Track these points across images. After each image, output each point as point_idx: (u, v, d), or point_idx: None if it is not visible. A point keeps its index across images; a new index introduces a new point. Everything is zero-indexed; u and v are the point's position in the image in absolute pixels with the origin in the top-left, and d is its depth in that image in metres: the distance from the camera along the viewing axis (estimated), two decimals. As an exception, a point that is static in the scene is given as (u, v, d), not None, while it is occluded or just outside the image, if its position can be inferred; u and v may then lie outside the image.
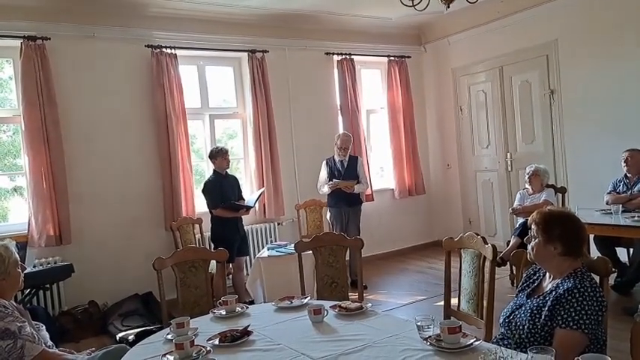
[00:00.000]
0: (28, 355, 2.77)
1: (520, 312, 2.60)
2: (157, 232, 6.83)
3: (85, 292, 6.17)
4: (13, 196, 6.69)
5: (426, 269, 7.79)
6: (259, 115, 7.44)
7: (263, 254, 6.19)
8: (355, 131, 8.10)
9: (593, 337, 2.39)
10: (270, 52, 7.59)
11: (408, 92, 8.92)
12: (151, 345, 2.88)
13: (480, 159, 8.62)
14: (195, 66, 7.43)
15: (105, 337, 5.65)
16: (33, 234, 6.02)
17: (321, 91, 8.28)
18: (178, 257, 3.94)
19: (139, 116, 6.77)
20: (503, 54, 7.94)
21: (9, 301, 2.93)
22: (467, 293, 3.36)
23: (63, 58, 6.26)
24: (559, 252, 2.55)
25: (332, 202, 7.06)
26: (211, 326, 3.11)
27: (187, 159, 6.95)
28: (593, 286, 2.44)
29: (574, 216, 2.68)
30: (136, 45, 6.68)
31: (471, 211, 8.86)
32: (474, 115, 8.64)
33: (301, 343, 2.69)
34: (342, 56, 8.29)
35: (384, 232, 8.67)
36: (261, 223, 7.61)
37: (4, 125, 6.51)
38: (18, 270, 3.01)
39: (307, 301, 3.43)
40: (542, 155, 7.48)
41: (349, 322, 2.98)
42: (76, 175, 6.32)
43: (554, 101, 7.36)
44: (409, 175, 8.94)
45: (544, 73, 7.45)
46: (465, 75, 8.69)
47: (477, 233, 3.37)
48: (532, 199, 6.36)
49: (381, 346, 2.56)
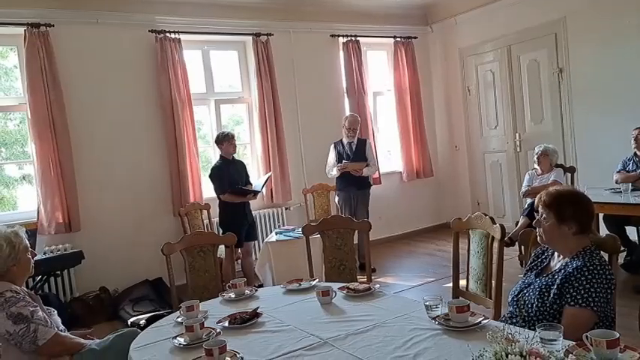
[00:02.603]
0: (41, 338, 2.80)
1: (529, 290, 2.59)
2: (166, 218, 6.85)
3: (96, 278, 6.20)
4: (22, 185, 6.71)
5: (435, 251, 7.79)
6: (265, 99, 7.41)
7: (271, 239, 6.20)
8: (362, 114, 8.06)
9: (602, 315, 2.38)
10: (274, 36, 7.54)
11: (414, 73, 8.87)
12: (162, 328, 2.90)
13: (489, 140, 8.58)
14: (199, 51, 7.41)
15: (116, 323, 5.69)
16: (42, 221, 6.04)
17: (327, 73, 8.24)
18: (187, 242, 3.96)
19: (145, 102, 6.76)
20: (511, 33, 7.86)
21: (20, 287, 2.95)
22: (475, 273, 3.36)
23: (67, 45, 6.25)
24: (573, 231, 2.53)
25: (341, 185, 7.04)
26: (221, 309, 3.13)
27: (194, 144, 6.94)
28: (602, 264, 2.43)
29: (581, 193, 2.68)
30: (139, 30, 6.65)
31: (479, 193, 8.83)
32: (482, 96, 8.58)
33: (310, 324, 2.69)
34: (348, 38, 8.24)
35: (392, 215, 8.65)
36: (269, 208, 7.62)
37: (11, 114, 6.51)
38: (28, 256, 3.02)
39: (315, 283, 3.44)
40: (551, 135, 7.43)
41: (357, 303, 2.98)
42: (83, 162, 6.33)
43: (562, 80, 7.29)
44: (417, 157, 8.92)
45: (552, 51, 7.38)
46: (472, 55, 8.62)
47: (484, 213, 3.36)
48: (541, 180, 6.31)
49: (390, 326, 2.56)
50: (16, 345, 2.78)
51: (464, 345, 2.13)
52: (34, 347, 2.79)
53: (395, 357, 2.21)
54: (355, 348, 2.34)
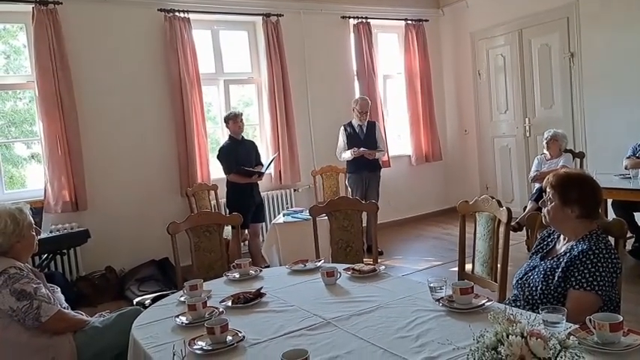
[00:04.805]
0: (44, 315, 2.81)
1: (534, 273, 2.57)
2: (173, 198, 6.85)
3: (102, 258, 6.22)
4: (30, 164, 6.73)
5: (443, 235, 7.78)
6: (274, 80, 7.37)
7: (279, 220, 6.19)
8: (372, 96, 8.00)
9: (606, 299, 2.36)
10: (285, 16, 7.48)
11: (425, 57, 8.81)
12: (165, 307, 2.90)
13: (498, 124, 8.52)
14: (209, 30, 7.36)
15: (122, 302, 5.69)
16: (49, 200, 6.05)
17: (337, 55, 8.19)
18: (193, 221, 3.96)
19: (153, 81, 6.73)
20: (522, 16, 7.77)
21: (24, 264, 2.95)
22: (481, 256, 3.34)
23: (75, 23, 6.21)
24: (576, 215, 2.50)
25: (352, 168, 7.03)
26: (225, 289, 3.13)
27: (202, 124, 6.92)
28: (608, 247, 2.40)
29: (590, 178, 2.63)
30: (148, 9, 6.61)
31: (488, 178, 8.79)
32: (493, 80, 8.51)
33: (314, 305, 2.69)
34: (359, 20, 8.18)
35: (401, 198, 8.63)
36: (277, 190, 7.60)
37: (20, 92, 6.51)
38: (32, 233, 3.03)
39: (321, 264, 3.43)
40: (561, 120, 7.37)
41: (362, 285, 2.98)
42: (91, 141, 6.32)
43: (573, 65, 7.22)
44: (426, 141, 8.88)
45: (564, 36, 7.29)
46: (483, 39, 8.54)
47: (492, 196, 3.33)
48: (550, 165, 6.28)
49: (393, 307, 2.56)
50: (19, 321, 2.80)
51: (466, 326, 2.11)
52: (37, 324, 2.80)
53: (397, 338, 2.21)
54: (358, 328, 2.33)
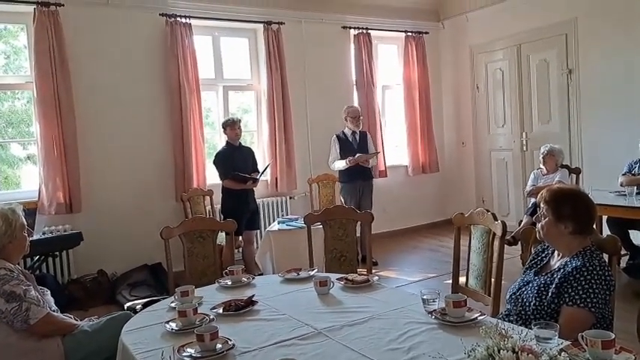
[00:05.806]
0: (33, 317, 2.79)
1: (527, 289, 2.57)
2: (168, 203, 6.82)
3: (95, 261, 6.18)
4: (26, 164, 6.70)
5: (438, 247, 7.76)
6: (274, 87, 7.38)
7: (273, 228, 6.17)
8: (370, 107, 8.04)
9: (599, 316, 2.35)
10: (286, 24, 7.50)
11: (424, 69, 8.83)
12: (155, 312, 2.88)
13: (495, 138, 8.53)
14: (210, 37, 7.36)
15: (113, 306, 5.65)
16: (43, 201, 6.01)
17: (337, 65, 8.20)
18: (186, 227, 3.94)
19: (152, 85, 6.73)
20: (521, 32, 7.80)
21: (15, 265, 2.94)
22: (475, 270, 3.32)
23: (76, 25, 6.21)
24: (569, 230, 2.50)
25: (346, 177, 7.01)
26: (216, 296, 3.11)
27: (200, 130, 6.91)
28: (601, 264, 2.40)
29: (584, 193, 2.63)
30: (150, 13, 6.61)
31: (484, 190, 8.79)
32: (491, 94, 8.54)
33: (306, 314, 2.67)
34: (359, 30, 8.20)
35: (397, 208, 8.61)
36: (273, 197, 7.58)
37: (19, 93, 6.49)
38: (24, 234, 3.01)
39: (314, 273, 3.42)
40: (558, 135, 7.38)
41: (355, 295, 2.97)
42: (88, 144, 6.29)
43: (571, 81, 7.24)
44: (423, 152, 8.89)
45: (562, 52, 7.33)
46: (482, 52, 8.57)
47: (487, 209, 3.32)
48: (546, 180, 6.28)
49: (386, 319, 2.54)
50: (8, 323, 2.78)
51: (458, 340, 2.10)
52: (26, 326, 2.78)
53: (388, 349, 2.19)
54: (349, 339, 2.32)
